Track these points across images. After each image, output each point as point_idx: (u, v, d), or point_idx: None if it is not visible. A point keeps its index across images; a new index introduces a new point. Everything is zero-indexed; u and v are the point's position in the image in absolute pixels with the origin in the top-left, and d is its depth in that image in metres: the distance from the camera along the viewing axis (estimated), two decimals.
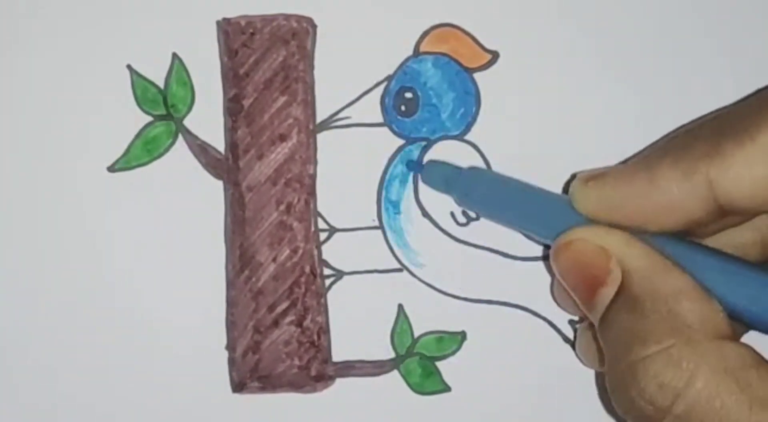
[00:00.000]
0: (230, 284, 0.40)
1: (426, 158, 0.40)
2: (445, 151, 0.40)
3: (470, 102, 0.40)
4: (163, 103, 0.40)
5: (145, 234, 0.40)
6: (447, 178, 0.39)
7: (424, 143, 0.40)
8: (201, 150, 0.40)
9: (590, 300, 0.34)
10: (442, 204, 0.40)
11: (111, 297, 0.40)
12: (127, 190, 0.40)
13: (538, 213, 0.36)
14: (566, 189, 0.39)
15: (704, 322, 0.32)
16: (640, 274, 0.33)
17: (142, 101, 0.40)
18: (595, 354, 0.37)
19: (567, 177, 0.40)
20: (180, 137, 0.40)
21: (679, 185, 0.32)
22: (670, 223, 0.33)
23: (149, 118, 0.40)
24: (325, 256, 0.40)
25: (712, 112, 0.38)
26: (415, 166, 0.40)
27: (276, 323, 0.40)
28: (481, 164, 0.40)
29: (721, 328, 0.32)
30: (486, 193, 0.38)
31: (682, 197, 0.33)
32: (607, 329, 0.33)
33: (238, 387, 0.40)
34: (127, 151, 0.40)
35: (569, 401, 0.40)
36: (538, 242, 0.40)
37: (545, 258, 0.40)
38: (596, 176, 0.34)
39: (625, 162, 0.38)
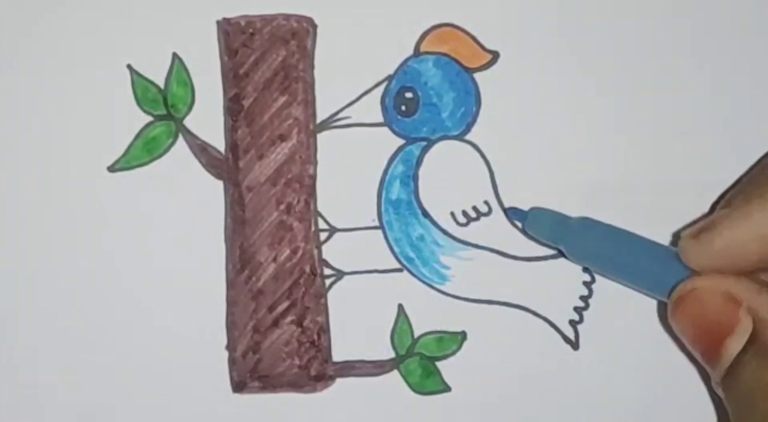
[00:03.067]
0: (230, 284, 0.40)
1: (426, 160, 0.40)
2: (445, 151, 0.40)
3: (470, 102, 0.40)
4: (163, 103, 0.40)
5: (145, 234, 0.40)
6: (553, 228, 0.38)
7: (424, 143, 0.40)
8: (201, 150, 0.40)
9: (715, 353, 0.32)
10: (442, 204, 0.40)
11: (111, 298, 0.40)
12: (127, 190, 0.40)
13: (650, 267, 0.35)
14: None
15: None
16: None
17: (142, 101, 0.40)
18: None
19: (567, 177, 0.40)
20: (180, 137, 0.40)
21: None
22: None
23: (149, 118, 0.40)
24: (325, 256, 0.40)
25: None
26: (520, 214, 0.39)
27: (276, 323, 0.40)
28: (481, 164, 0.40)
29: None
30: (594, 246, 0.37)
31: None
32: (735, 382, 0.32)
33: (238, 387, 0.40)
34: (127, 151, 0.40)
35: (569, 401, 0.40)
36: (652, 297, 0.38)
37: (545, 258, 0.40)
38: (705, 228, 0.33)
39: (719, 204, 0.38)
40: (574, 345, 0.40)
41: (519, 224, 0.39)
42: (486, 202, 0.40)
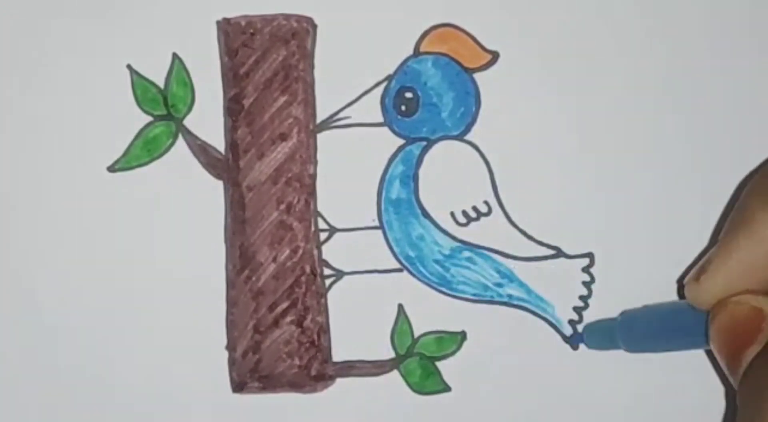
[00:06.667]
0: (230, 284, 0.40)
1: (426, 160, 0.40)
2: (445, 151, 0.40)
3: (470, 102, 0.40)
4: (163, 103, 0.40)
5: (145, 234, 0.40)
6: (608, 334, 0.38)
7: (424, 143, 0.40)
8: (201, 150, 0.40)
9: (736, 360, 0.34)
10: (442, 204, 0.40)
11: (111, 297, 0.40)
12: (127, 190, 0.40)
13: (689, 328, 0.36)
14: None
15: None
16: None
17: (142, 101, 0.40)
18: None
19: (566, 177, 0.40)
20: (180, 137, 0.40)
21: None
22: None
23: (149, 118, 0.40)
24: (325, 256, 0.40)
25: None
26: (578, 338, 0.40)
27: (276, 323, 0.40)
28: (481, 164, 0.40)
29: None
30: (644, 333, 0.37)
31: None
32: (746, 384, 0.33)
33: (238, 387, 0.40)
34: (127, 151, 0.40)
35: (569, 401, 0.40)
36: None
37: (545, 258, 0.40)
38: (702, 270, 0.34)
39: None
40: (574, 345, 0.40)
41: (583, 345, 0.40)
42: (486, 202, 0.40)
